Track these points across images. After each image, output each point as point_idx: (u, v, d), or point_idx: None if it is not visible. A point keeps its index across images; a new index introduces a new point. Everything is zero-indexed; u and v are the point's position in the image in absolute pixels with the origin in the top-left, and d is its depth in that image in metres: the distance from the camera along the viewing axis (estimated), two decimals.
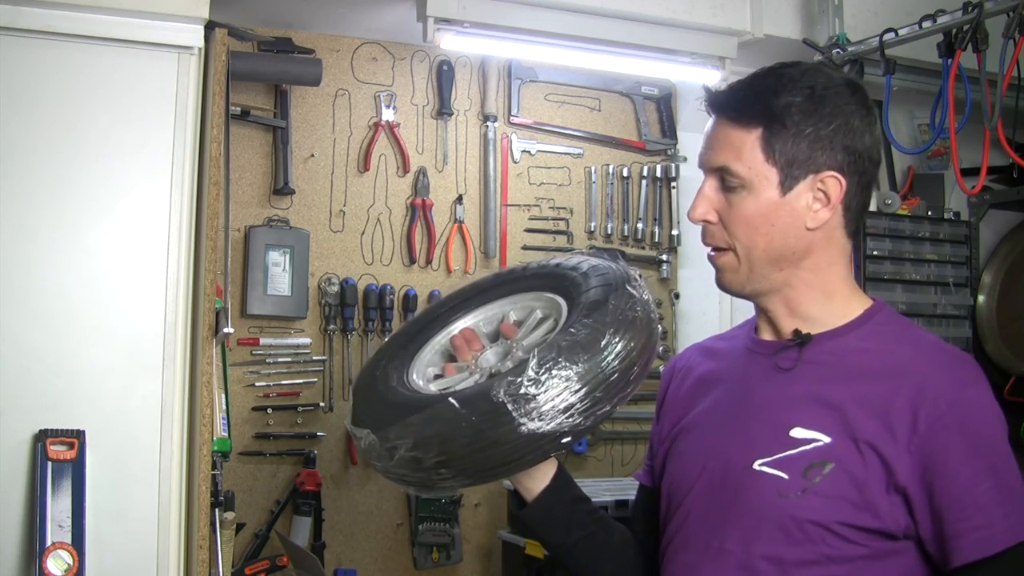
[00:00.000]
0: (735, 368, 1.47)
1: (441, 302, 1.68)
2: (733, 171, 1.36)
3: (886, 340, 1.37)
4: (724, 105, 1.39)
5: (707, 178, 1.40)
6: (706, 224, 1.40)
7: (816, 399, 1.34)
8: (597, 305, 1.37)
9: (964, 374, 1.32)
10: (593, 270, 1.47)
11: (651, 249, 3.21)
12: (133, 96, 2.03)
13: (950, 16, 2.49)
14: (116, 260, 2.01)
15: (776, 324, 1.43)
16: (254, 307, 2.73)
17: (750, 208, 1.36)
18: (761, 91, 1.37)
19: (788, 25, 2.81)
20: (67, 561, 1.84)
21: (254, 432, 2.73)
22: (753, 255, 1.37)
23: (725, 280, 1.42)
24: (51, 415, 1.91)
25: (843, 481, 1.28)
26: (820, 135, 1.35)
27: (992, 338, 3.06)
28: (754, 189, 1.35)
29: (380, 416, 1.38)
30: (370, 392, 1.48)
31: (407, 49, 2.94)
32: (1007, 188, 3.14)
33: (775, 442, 1.33)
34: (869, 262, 2.82)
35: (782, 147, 1.34)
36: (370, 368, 1.56)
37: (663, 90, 3.24)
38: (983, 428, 1.29)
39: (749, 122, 1.35)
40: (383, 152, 2.91)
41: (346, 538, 2.80)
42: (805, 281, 1.40)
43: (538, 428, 1.26)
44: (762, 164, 1.35)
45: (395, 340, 1.63)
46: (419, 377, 1.52)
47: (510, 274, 1.64)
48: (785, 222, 1.36)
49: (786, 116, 1.34)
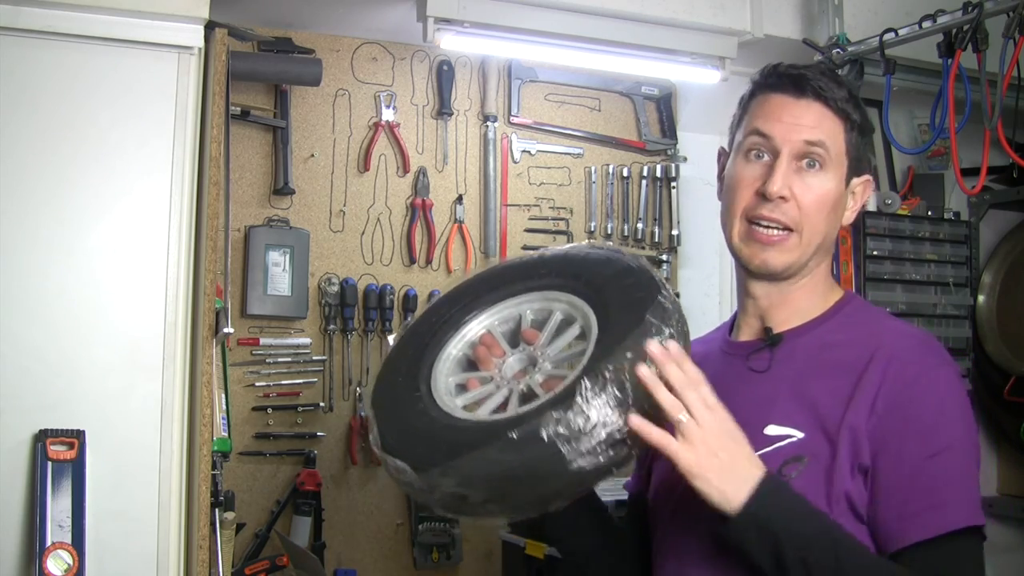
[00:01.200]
0: (712, 372, 1.47)
1: (450, 299, 1.54)
2: (828, 146, 1.38)
3: (856, 330, 1.40)
4: (821, 87, 1.40)
5: (785, 153, 1.38)
6: (780, 200, 1.38)
7: (788, 395, 1.36)
8: (635, 323, 1.27)
9: (928, 359, 1.33)
10: (623, 274, 1.36)
11: (651, 249, 3.21)
12: (133, 96, 2.03)
13: (950, 16, 2.49)
14: (116, 260, 2.00)
15: (764, 315, 1.45)
16: (254, 307, 2.73)
17: (826, 189, 1.39)
18: (843, 85, 1.42)
19: (788, 25, 2.81)
20: (67, 561, 1.83)
21: (254, 432, 2.73)
22: (813, 241, 1.40)
23: (778, 260, 1.40)
24: (51, 415, 1.91)
25: (818, 474, 1.30)
26: (867, 140, 1.44)
27: (992, 338, 3.06)
28: (832, 172, 1.40)
29: (418, 451, 1.28)
30: (398, 414, 1.36)
31: (407, 49, 2.94)
32: (1007, 188, 3.14)
33: (751, 441, 1.34)
34: (869, 262, 2.82)
35: (855, 142, 1.41)
36: (388, 381, 1.43)
37: (663, 90, 3.24)
38: (939, 412, 1.29)
39: (842, 108, 1.40)
40: (383, 152, 2.91)
41: (346, 538, 2.80)
42: (816, 274, 1.45)
43: (588, 465, 1.21)
44: (842, 152, 1.40)
45: (406, 345, 1.49)
46: (444, 392, 1.41)
47: (524, 270, 1.50)
48: (838, 213, 1.43)
49: (857, 115, 1.41)
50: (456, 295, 1.54)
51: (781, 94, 1.40)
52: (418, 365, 1.43)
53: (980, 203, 3.16)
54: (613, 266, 1.38)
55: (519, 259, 1.54)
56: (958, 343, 2.97)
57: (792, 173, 1.38)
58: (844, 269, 2.81)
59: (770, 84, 1.42)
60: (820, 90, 1.39)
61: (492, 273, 1.55)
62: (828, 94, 1.39)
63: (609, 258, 1.40)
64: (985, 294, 3.11)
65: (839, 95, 1.40)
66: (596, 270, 1.39)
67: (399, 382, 1.41)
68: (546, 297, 1.46)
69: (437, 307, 1.53)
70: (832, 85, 1.40)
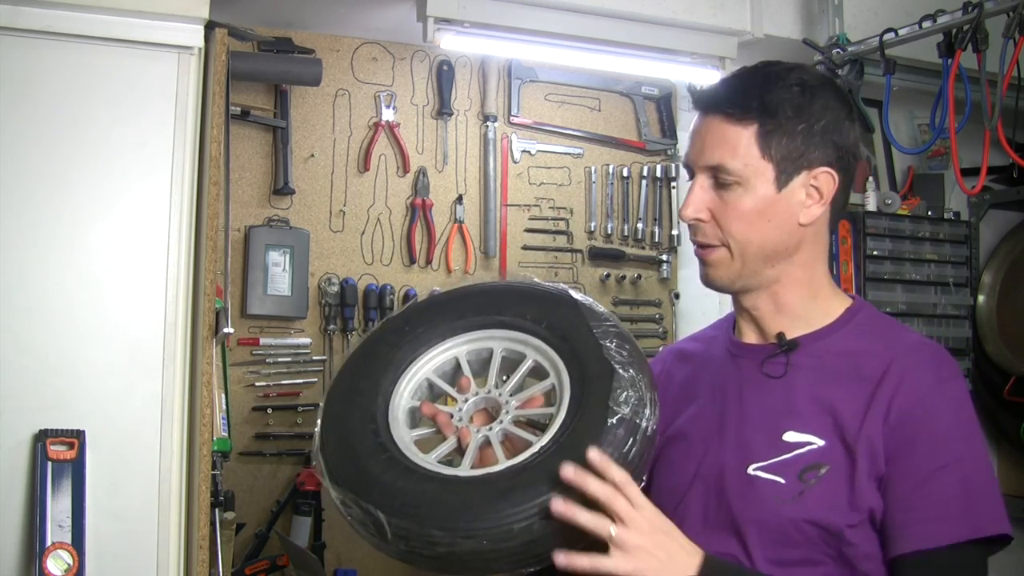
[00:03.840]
0: (719, 373, 1.46)
1: (409, 317, 1.45)
2: (728, 168, 1.34)
3: (870, 339, 1.38)
4: (717, 101, 1.37)
5: (698, 176, 1.38)
6: (697, 222, 1.37)
7: (807, 402, 1.34)
8: (599, 419, 1.23)
9: (941, 371, 1.33)
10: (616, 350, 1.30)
11: (651, 249, 3.21)
12: (133, 96, 2.03)
13: (950, 16, 2.49)
14: (116, 260, 2.00)
15: (761, 324, 1.42)
16: (254, 307, 2.73)
17: (746, 204, 1.34)
18: (753, 87, 1.35)
19: (788, 25, 2.81)
20: (67, 561, 1.83)
21: (254, 432, 2.73)
22: (748, 251, 1.36)
23: (715, 275, 1.39)
24: (51, 415, 1.91)
25: (838, 482, 1.29)
26: (813, 131, 1.34)
27: (992, 338, 3.06)
28: (750, 185, 1.34)
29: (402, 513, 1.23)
30: (369, 474, 1.28)
31: (407, 49, 2.94)
32: (1007, 188, 3.14)
33: (769, 447, 1.33)
34: (869, 262, 2.83)
35: (777, 142, 1.33)
36: (349, 424, 1.33)
37: (663, 90, 3.24)
38: (950, 426, 1.29)
39: (743, 118, 1.34)
40: (383, 152, 2.91)
41: (346, 538, 2.79)
42: (794, 278, 1.40)
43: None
44: (758, 160, 1.34)
45: (360, 376, 1.39)
46: (405, 437, 1.33)
47: (498, 309, 1.41)
48: (780, 218, 1.35)
49: (780, 112, 1.33)
50: (416, 313, 1.46)
51: (697, 113, 1.40)
52: (379, 405, 1.36)
53: (980, 203, 3.16)
54: (614, 342, 1.32)
55: (498, 297, 1.45)
56: (958, 343, 2.97)
57: (709, 191, 1.36)
58: (844, 269, 2.81)
59: (693, 107, 1.42)
60: (720, 103, 1.35)
61: (468, 299, 1.46)
62: (728, 105, 1.34)
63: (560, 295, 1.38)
64: (985, 294, 3.11)
65: (749, 101, 1.33)
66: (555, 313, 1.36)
67: (366, 435, 1.33)
68: (517, 337, 1.40)
69: (394, 327, 1.44)
70: (743, 90, 1.35)
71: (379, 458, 1.28)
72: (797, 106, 1.34)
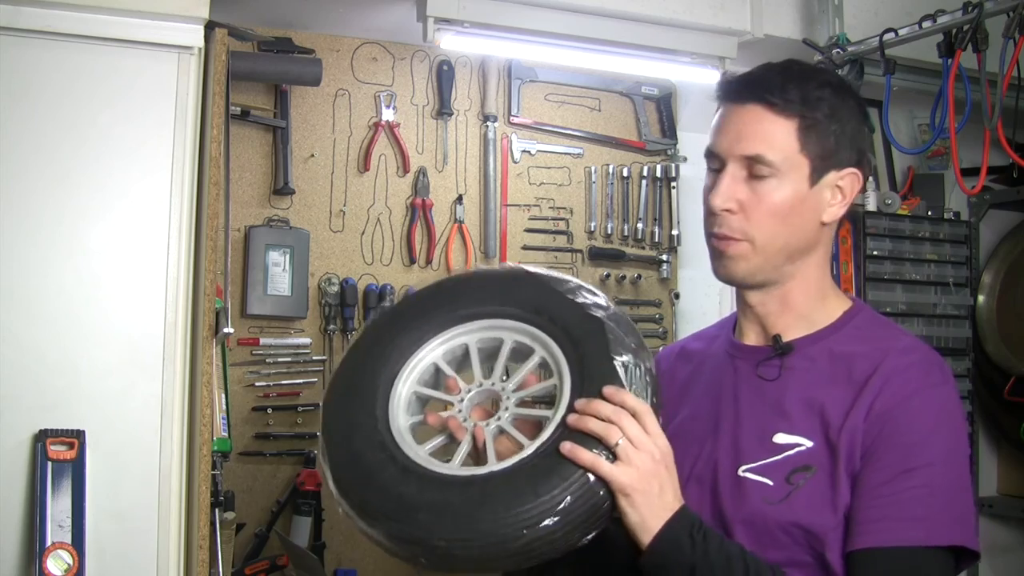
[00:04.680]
0: (716, 374, 1.46)
1: (403, 318, 1.43)
2: (767, 160, 1.31)
3: (865, 342, 1.37)
4: (760, 90, 1.33)
5: (730, 166, 1.34)
6: (725, 213, 1.34)
7: (797, 404, 1.34)
8: (608, 371, 1.25)
9: (930, 375, 1.32)
10: (608, 331, 1.29)
11: (651, 249, 3.21)
12: (133, 96, 2.03)
13: (950, 16, 2.49)
14: (116, 260, 2.00)
15: (765, 323, 1.42)
16: (254, 307, 2.73)
17: (778, 198, 1.33)
18: (793, 81, 1.34)
19: (788, 25, 2.81)
20: (67, 561, 1.83)
21: (254, 432, 2.73)
22: (772, 246, 1.34)
23: (734, 268, 1.37)
24: (51, 415, 1.91)
25: (825, 484, 1.29)
26: (844, 131, 1.35)
27: (992, 338, 3.06)
28: (785, 179, 1.33)
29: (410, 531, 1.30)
30: (374, 483, 1.33)
31: (407, 49, 2.94)
32: (1007, 188, 3.14)
33: (760, 448, 1.34)
34: (869, 262, 2.83)
35: (815, 139, 1.33)
36: (352, 431, 1.35)
37: (663, 90, 3.24)
38: (928, 431, 1.28)
39: (786, 109, 1.32)
40: (383, 152, 2.91)
41: (346, 538, 2.79)
42: (808, 276, 1.40)
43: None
44: (796, 154, 1.32)
45: (359, 380, 1.38)
46: (413, 442, 1.32)
47: (492, 300, 1.39)
48: (807, 215, 1.35)
49: (819, 109, 1.33)
50: (409, 312, 1.44)
51: (728, 103, 1.37)
52: (379, 410, 1.36)
53: (980, 203, 3.16)
54: (607, 323, 1.31)
55: (493, 288, 1.42)
56: (958, 343, 2.97)
57: (740, 183, 1.33)
58: (844, 269, 2.82)
59: (720, 95, 1.39)
60: (763, 93, 1.33)
61: (461, 292, 1.43)
62: (773, 95, 1.32)
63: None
64: (985, 294, 3.11)
65: (792, 94, 1.32)
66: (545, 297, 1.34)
67: (369, 441, 1.35)
68: (509, 325, 1.37)
69: (388, 328, 1.43)
70: (785, 83, 1.33)
71: (407, 480, 1.28)
72: (832, 106, 1.34)
